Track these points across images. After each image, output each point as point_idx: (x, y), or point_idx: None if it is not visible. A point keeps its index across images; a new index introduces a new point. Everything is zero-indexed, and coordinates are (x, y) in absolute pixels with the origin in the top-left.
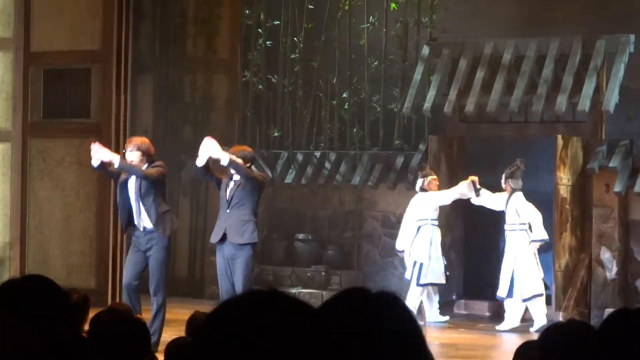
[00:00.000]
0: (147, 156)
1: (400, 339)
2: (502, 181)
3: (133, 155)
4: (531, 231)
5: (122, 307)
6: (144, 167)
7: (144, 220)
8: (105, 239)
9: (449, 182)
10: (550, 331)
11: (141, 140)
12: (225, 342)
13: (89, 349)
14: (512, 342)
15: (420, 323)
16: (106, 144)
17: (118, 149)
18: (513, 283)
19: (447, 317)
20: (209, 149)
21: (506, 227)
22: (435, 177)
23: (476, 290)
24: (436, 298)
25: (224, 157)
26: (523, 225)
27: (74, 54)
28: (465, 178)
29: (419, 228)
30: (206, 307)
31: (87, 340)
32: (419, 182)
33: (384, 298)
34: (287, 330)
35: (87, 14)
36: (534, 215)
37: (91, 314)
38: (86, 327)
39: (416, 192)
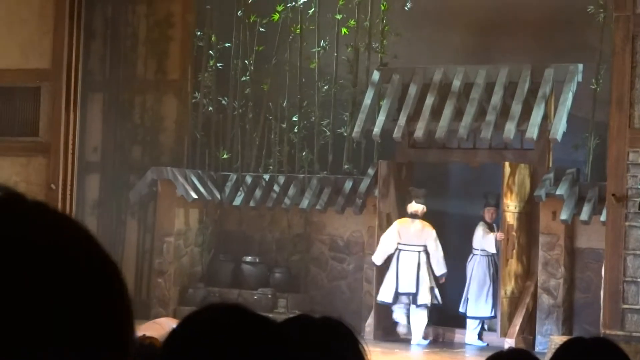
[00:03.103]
0: None
1: None
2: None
3: None
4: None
5: None
6: None
7: None
8: None
9: (397, 206)
10: (493, 359)
11: None
12: (190, 354)
13: None
14: None
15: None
16: (55, 162)
17: (67, 168)
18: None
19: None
20: None
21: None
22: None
23: None
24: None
25: None
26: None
27: (24, 73)
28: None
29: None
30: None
31: None
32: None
33: (328, 324)
34: (251, 344)
35: (37, 32)
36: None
37: None
38: None
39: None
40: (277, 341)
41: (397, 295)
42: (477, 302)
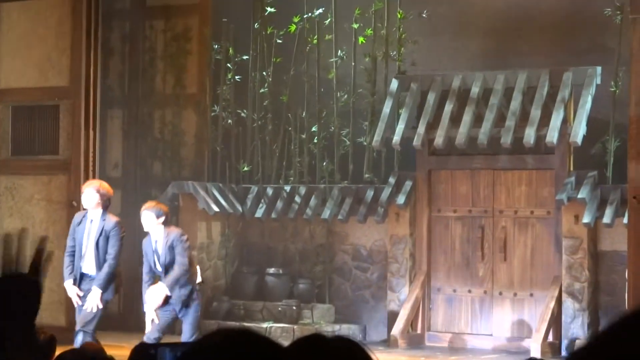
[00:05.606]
0: (105, 200)
1: None
2: None
3: (91, 198)
4: None
5: (92, 346)
6: (101, 210)
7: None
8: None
9: (428, 210)
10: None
11: (99, 183)
12: None
13: None
14: None
15: None
16: (75, 180)
17: None
18: None
19: None
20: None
21: None
22: None
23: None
24: None
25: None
26: None
27: (43, 91)
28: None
29: None
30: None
31: None
32: None
33: (340, 344)
34: None
35: (55, 50)
36: None
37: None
38: None
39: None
40: None
41: None
42: None
